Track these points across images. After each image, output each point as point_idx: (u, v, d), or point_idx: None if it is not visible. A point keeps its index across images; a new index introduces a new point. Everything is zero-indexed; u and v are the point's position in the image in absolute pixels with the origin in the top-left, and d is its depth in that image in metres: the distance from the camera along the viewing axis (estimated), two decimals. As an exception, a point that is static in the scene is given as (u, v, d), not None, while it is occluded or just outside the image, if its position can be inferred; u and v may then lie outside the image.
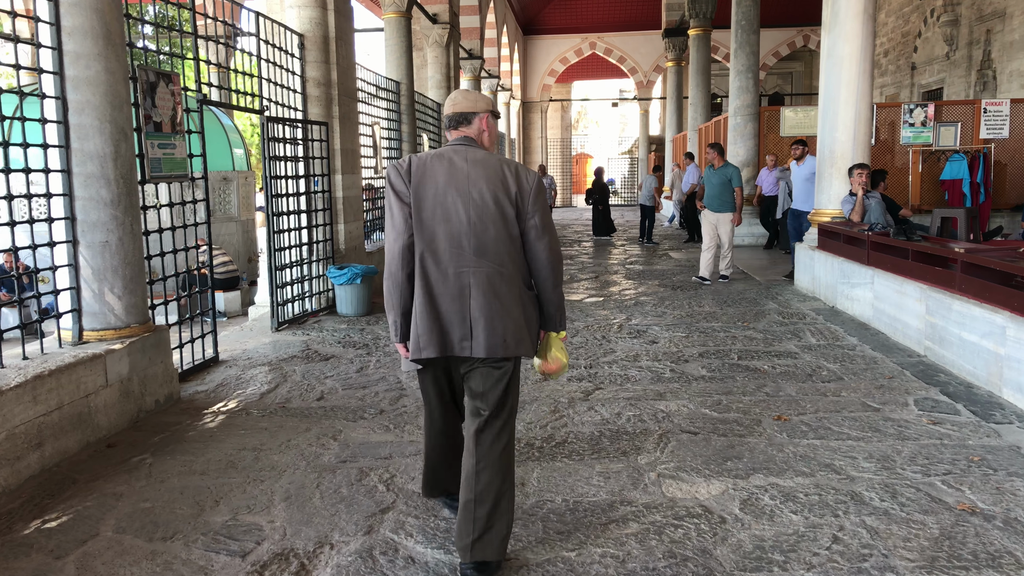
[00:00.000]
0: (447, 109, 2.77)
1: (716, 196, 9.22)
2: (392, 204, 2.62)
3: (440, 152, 2.67)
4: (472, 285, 2.58)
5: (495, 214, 2.60)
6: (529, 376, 5.18)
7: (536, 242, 2.66)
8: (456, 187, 2.60)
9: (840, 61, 7.99)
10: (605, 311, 7.64)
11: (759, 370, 5.27)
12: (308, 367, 5.56)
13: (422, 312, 2.58)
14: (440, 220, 2.58)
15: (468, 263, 2.58)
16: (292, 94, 7.46)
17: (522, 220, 2.65)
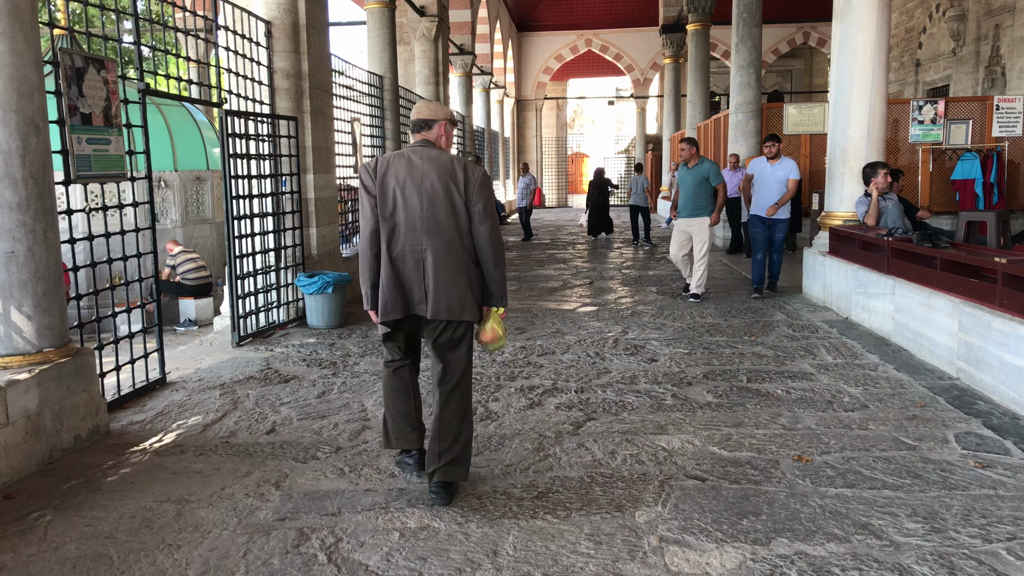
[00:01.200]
0: (413, 115, 3.34)
1: (691, 198, 7.87)
2: (363, 196, 3.24)
3: (402, 152, 3.27)
4: (427, 259, 3.16)
5: (445, 202, 3.16)
6: (512, 404, 4.56)
7: (479, 225, 3.20)
8: (413, 180, 3.18)
9: (853, 52, 7.38)
10: (599, 322, 7.03)
11: (772, 395, 4.66)
12: (264, 391, 4.94)
13: (387, 282, 3.18)
14: (400, 207, 3.18)
15: (423, 241, 3.16)
16: (258, 86, 6.84)
17: (468, 207, 3.19)
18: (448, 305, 3.14)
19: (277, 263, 6.95)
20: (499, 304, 3.32)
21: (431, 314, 3.15)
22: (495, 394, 4.77)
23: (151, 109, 10.54)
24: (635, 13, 27.23)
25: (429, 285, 3.14)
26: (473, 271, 3.22)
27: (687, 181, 7.90)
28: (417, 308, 3.19)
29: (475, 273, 3.23)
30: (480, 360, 5.64)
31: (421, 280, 3.16)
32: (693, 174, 7.89)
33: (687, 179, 7.91)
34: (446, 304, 3.14)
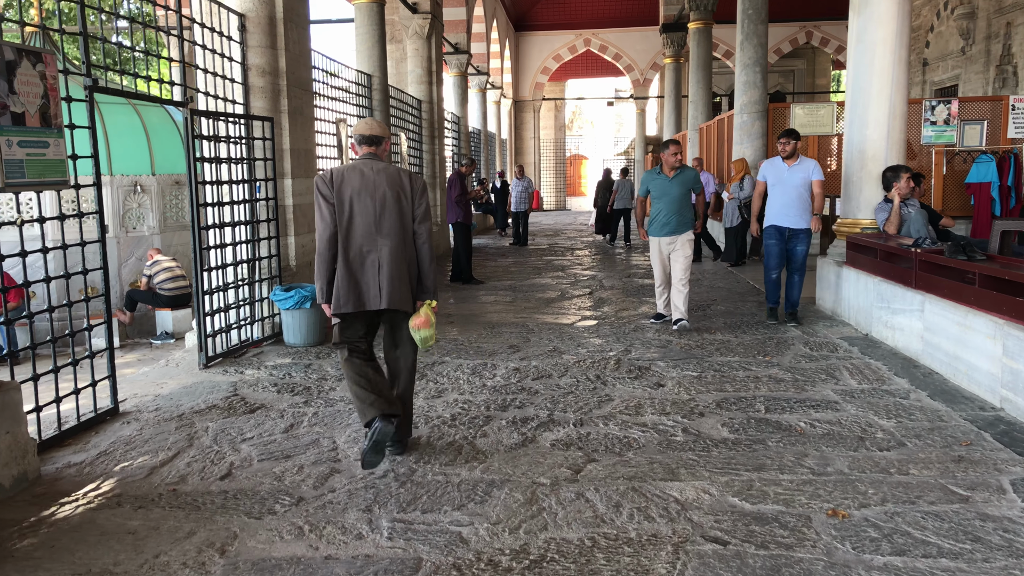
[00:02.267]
0: (364, 130, 3.81)
1: (677, 212, 6.66)
2: (321, 205, 3.65)
3: (353, 165, 3.71)
4: (381, 258, 3.64)
5: (394, 207, 3.66)
6: (503, 440, 4.04)
7: (419, 226, 3.75)
8: (366, 189, 3.66)
9: (872, 47, 6.88)
10: (599, 339, 6.51)
11: (795, 429, 4.14)
12: (226, 424, 4.41)
13: (342, 280, 3.63)
14: (357, 214, 3.63)
15: (376, 243, 3.64)
16: (231, 84, 6.32)
17: (413, 211, 3.73)
18: (401, 297, 3.68)
19: (251, 276, 6.43)
20: (433, 298, 3.81)
21: (386, 304, 3.66)
22: (483, 428, 4.25)
23: (127, 110, 10.03)
24: (634, 12, 26.75)
25: (383, 280, 3.65)
26: (413, 268, 3.77)
27: (671, 192, 6.67)
28: (370, 303, 3.67)
29: (414, 271, 3.77)
30: (470, 386, 5.12)
31: (376, 276, 3.65)
32: (679, 183, 6.71)
33: (671, 189, 6.67)
34: (399, 297, 3.67)
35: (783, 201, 6.80)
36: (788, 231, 6.81)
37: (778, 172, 6.92)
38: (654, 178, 6.86)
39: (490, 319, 7.52)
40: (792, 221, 6.77)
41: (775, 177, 6.93)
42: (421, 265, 3.78)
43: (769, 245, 6.95)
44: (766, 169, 7.06)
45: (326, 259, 3.64)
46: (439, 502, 3.30)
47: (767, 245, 6.96)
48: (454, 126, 16.89)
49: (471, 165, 10.39)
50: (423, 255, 3.77)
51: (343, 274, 3.62)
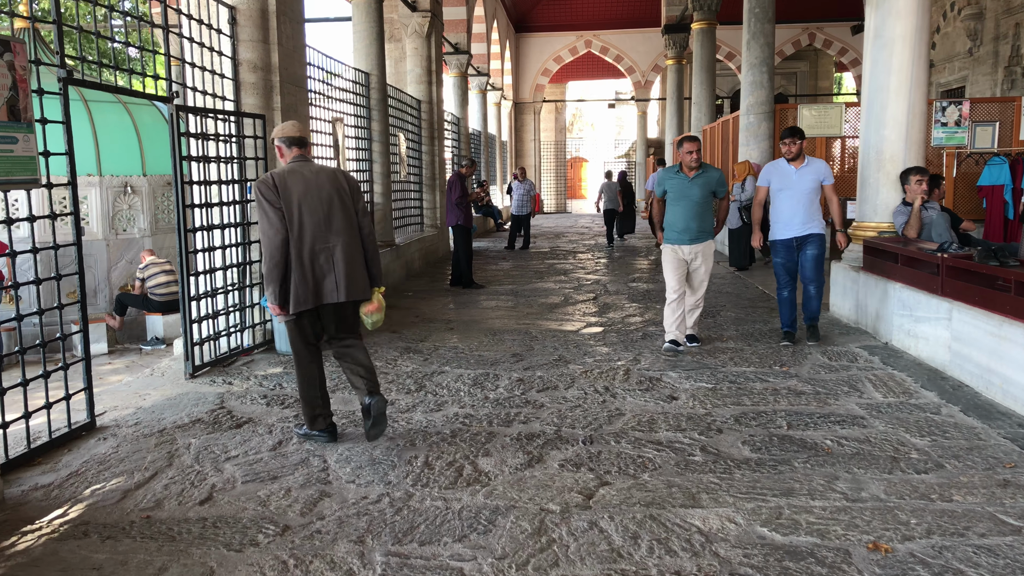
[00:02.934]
0: (291, 132, 3.93)
1: (697, 217, 5.87)
2: (268, 211, 3.73)
3: (290, 168, 3.85)
4: (335, 254, 3.83)
5: (339, 205, 3.88)
6: (508, 460, 3.74)
7: (363, 220, 3.99)
8: (311, 191, 3.82)
9: (890, 43, 6.59)
10: (606, 347, 6.21)
11: (821, 448, 3.85)
12: (210, 440, 4.11)
13: (300, 279, 3.77)
14: (307, 215, 3.78)
15: (328, 241, 3.83)
16: (220, 80, 6.03)
17: (355, 206, 3.96)
18: (360, 288, 3.92)
19: (242, 281, 6.14)
20: (380, 284, 4.09)
21: (344, 297, 3.86)
22: (486, 446, 3.95)
23: (118, 108, 9.74)
24: (636, 13, 26.49)
25: (340, 275, 3.83)
26: (362, 260, 3.96)
27: (691, 195, 5.87)
28: (328, 297, 3.85)
29: (362, 262, 3.97)
30: (471, 398, 4.82)
31: (332, 272, 3.83)
32: (700, 186, 5.88)
33: (691, 192, 5.87)
34: (357, 288, 3.89)
35: (791, 209, 6.01)
36: (797, 240, 6.06)
37: (784, 176, 6.09)
38: (671, 177, 5.99)
39: (492, 325, 7.23)
40: (800, 228, 6.02)
41: (780, 182, 6.09)
42: (369, 256, 4.01)
43: (777, 264, 6.18)
44: (769, 173, 6.22)
45: (279, 263, 3.75)
46: (438, 532, 3.01)
47: (775, 263, 6.20)
48: (454, 127, 16.59)
49: (471, 166, 10.10)
50: (369, 246, 4.01)
51: (300, 274, 3.77)
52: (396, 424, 4.33)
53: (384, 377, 5.34)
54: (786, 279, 6.18)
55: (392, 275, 10.04)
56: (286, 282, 3.77)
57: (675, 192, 5.96)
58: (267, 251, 3.74)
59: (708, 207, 5.96)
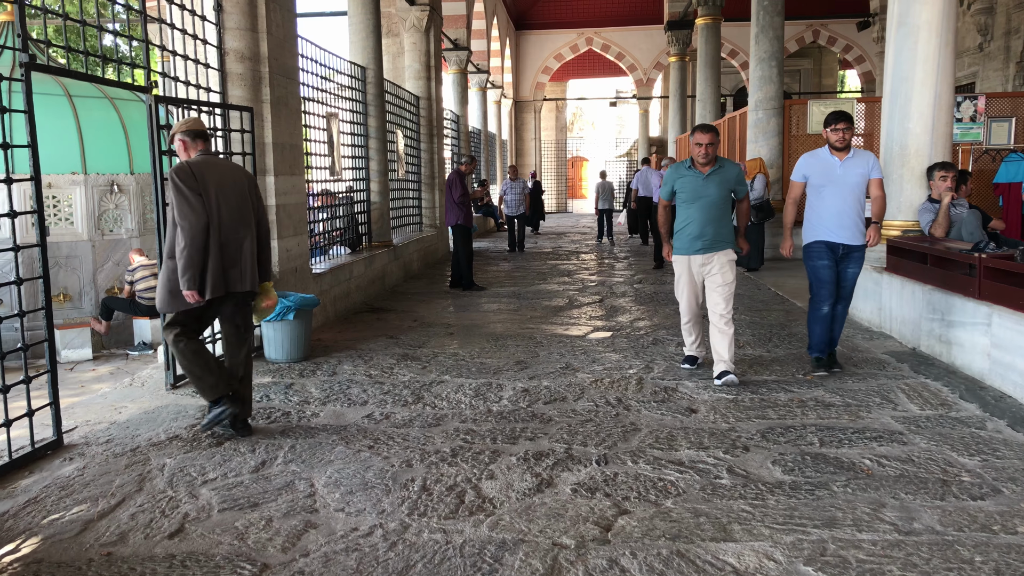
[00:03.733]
0: (195, 126, 4.06)
1: (713, 221, 4.98)
2: (189, 196, 3.82)
3: (203, 160, 3.98)
4: (244, 245, 4.00)
5: (248, 198, 4.07)
6: (514, 484, 3.37)
7: (263, 215, 4.19)
8: (225, 182, 3.98)
9: (915, 31, 6.23)
10: (616, 354, 5.85)
11: (859, 468, 3.48)
12: (186, 460, 3.74)
13: (214, 266, 3.88)
14: (223, 205, 3.93)
15: (240, 232, 3.99)
16: (205, 70, 5.67)
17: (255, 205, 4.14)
18: (256, 279, 4.05)
19: (229, 283, 5.76)
20: (270, 278, 4.25)
21: (249, 286, 4.01)
22: (490, 467, 3.58)
23: (104, 104, 9.37)
24: (638, 10, 26.13)
25: (246, 265, 3.98)
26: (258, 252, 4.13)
27: (706, 194, 4.96)
28: (234, 286, 3.97)
29: None
30: (473, 411, 4.46)
31: (239, 263, 3.96)
32: (717, 184, 4.98)
33: (706, 191, 4.97)
34: (253, 278, 4.03)
35: (837, 207, 5.00)
36: (842, 249, 5.03)
37: (827, 169, 5.07)
38: (682, 175, 5.07)
39: (493, 330, 6.86)
40: (848, 235, 5.00)
41: (823, 176, 5.07)
42: (265, 251, 4.17)
43: (819, 268, 5.08)
44: (808, 165, 5.16)
45: (200, 248, 3.80)
46: (437, 572, 2.64)
47: (816, 267, 5.09)
48: (453, 125, 16.23)
49: (471, 163, 9.74)
50: (265, 240, 4.18)
51: (215, 261, 3.85)
52: (392, 441, 3.96)
53: (380, 387, 4.98)
54: (827, 292, 5.08)
55: (390, 276, 9.67)
56: (205, 268, 3.83)
57: (687, 192, 5.03)
58: (189, 236, 3.77)
59: (726, 209, 5.07)
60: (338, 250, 8.77)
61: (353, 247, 8.99)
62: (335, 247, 8.75)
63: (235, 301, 4.06)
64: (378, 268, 9.15)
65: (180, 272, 3.79)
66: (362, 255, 8.76)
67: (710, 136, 4.93)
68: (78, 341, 8.35)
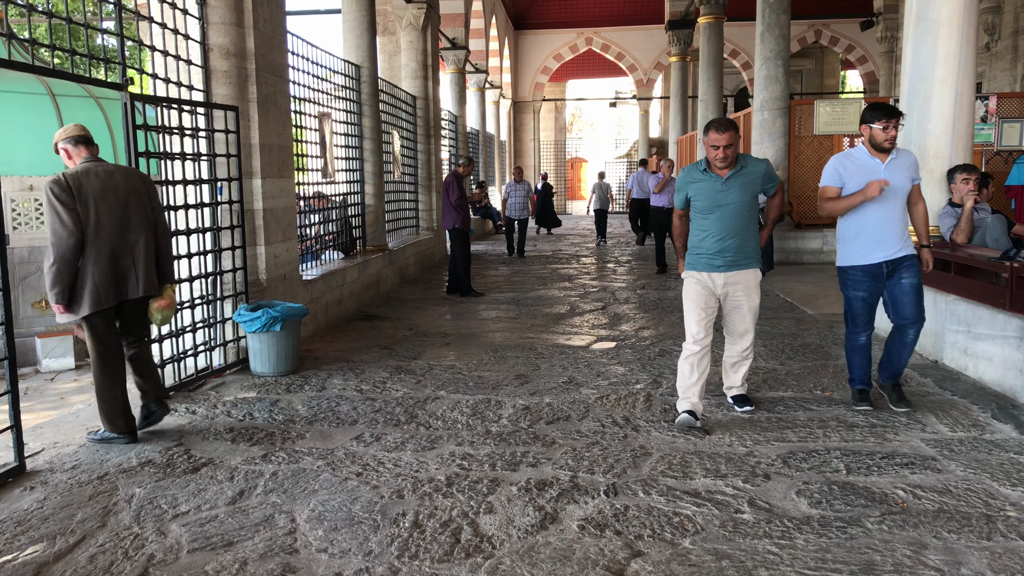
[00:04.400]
0: (76, 132, 3.98)
1: (738, 233, 4.15)
2: (61, 212, 3.70)
3: (85, 168, 3.86)
4: (134, 252, 3.96)
5: (138, 205, 3.99)
6: (515, 519, 3.07)
7: (159, 217, 4.17)
8: (107, 190, 3.87)
9: (935, 27, 5.93)
10: (621, 367, 5.54)
11: (893, 501, 3.18)
12: (158, 489, 3.43)
13: (101, 277, 3.82)
14: (104, 214, 3.82)
15: (127, 239, 3.93)
16: (188, 67, 5.36)
17: (152, 205, 4.11)
18: (152, 283, 4.02)
19: (213, 292, 5.46)
20: (172, 281, 4.25)
21: (143, 292, 3.98)
22: (488, 498, 3.27)
23: (89, 104, 9.05)
24: (638, 10, 25.84)
25: (139, 271, 3.95)
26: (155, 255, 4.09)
27: (727, 201, 4.10)
28: (130, 293, 3.95)
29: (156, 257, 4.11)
30: (470, 432, 4.15)
31: (132, 269, 3.93)
32: (739, 188, 4.10)
33: (726, 197, 4.10)
34: (151, 283, 4.02)
35: (880, 219, 4.20)
36: (888, 265, 4.24)
37: (868, 173, 4.18)
38: (697, 179, 4.18)
39: (492, 340, 6.55)
40: (893, 248, 4.21)
41: (862, 181, 4.19)
42: (164, 253, 4.16)
43: (855, 300, 4.37)
44: (842, 169, 4.27)
45: (71, 264, 3.74)
46: (429, 630, 2.33)
47: (851, 299, 4.39)
48: (451, 126, 15.92)
49: (469, 165, 9.43)
50: (164, 244, 4.17)
51: (100, 272, 3.81)
52: (382, 467, 3.65)
53: (371, 405, 4.67)
54: (865, 319, 4.43)
55: (385, 282, 9.36)
56: (75, 283, 3.78)
57: (704, 200, 4.15)
58: (57, 252, 3.70)
59: (752, 218, 4.19)
60: (331, 255, 8.47)
61: (347, 252, 8.69)
62: (328, 252, 8.44)
63: (134, 308, 4.06)
64: (372, 273, 8.85)
65: (48, 285, 3.75)
66: (356, 260, 8.45)
67: (728, 135, 3.95)
68: (60, 350, 8.03)
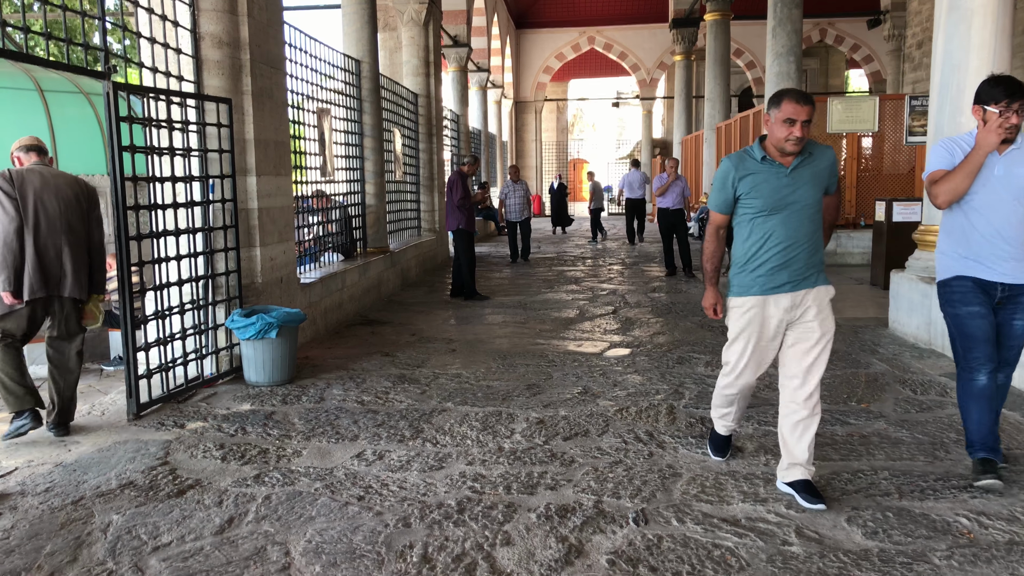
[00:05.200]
0: (28, 142, 4.19)
1: (806, 240, 3.16)
2: (3, 200, 3.94)
3: (29, 168, 4.09)
4: (64, 251, 4.06)
5: (75, 208, 4.12)
6: (536, 552, 2.74)
7: (95, 229, 4.24)
8: (48, 188, 4.05)
9: (969, 15, 5.62)
10: (638, 375, 5.21)
11: (956, 530, 2.86)
12: (137, 516, 3.10)
13: (33, 269, 3.96)
14: (42, 210, 4.00)
15: (60, 239, 4.04)
16: (177, 56, 5.04)
17: (89, 214, 4.20)
18: (81, 287, 4.12)
19: (205, 296, 5.13)
20: (102, 292, 4.31)
21: (69, 292, 4.08)
22: (504, 527, 2.94)
23: (79, 100, 8.73)
24: (641, 9, 25.56)
25: (69, 272, 4.07)
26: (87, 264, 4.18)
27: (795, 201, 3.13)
28: (55, 289, 4.06)
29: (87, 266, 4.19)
30: (481, 449, 3.82)
31: (60, 267, 4.05)
32: (809, 181, 3.15)
33: (793, 194, 3.12)
34: (79, 286, 4.11)
35: (995, 224, 3.25)
36: (1003, 290, 3.27)
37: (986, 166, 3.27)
38: (752, 169, 3.16)
39: (500, 346, 6.22)
40: (1014, 269, 3.25)
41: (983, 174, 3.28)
42: (95, 264, 4.22)
43: (968, 318, 3.29)
44: (953, 155, 3.33)
45: (14, 250, 3.92)
46: None
47: (962, 317, 3.31)
48: (453, 125, 15.60)
49: (474, 163, 9.10)
50: (96, 256, 4.22)
51: (32, 265, 3.94)
52: (386, 490, 3.32)
53: (373, 418, 4.34)
54: (983, 351, 3.28)
55: (386, 285, 9.03)
56: (19, 271, 3.92)
57: (764, 197, 3.13)
58: (2, 239, 3.89)
59: (819, 222, 3.22)
60: (330, 257, 8.13)
61: (347, 254, 8.36)
62: (327, 254, 8.11)
63: (60, 307, 4.12)
64: (373, 276, 8.52)
65: None
66: (356, 262, 8.12)
67: (809, 110, 3.02)
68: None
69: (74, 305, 4.16)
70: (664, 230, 10.82)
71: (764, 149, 3.18)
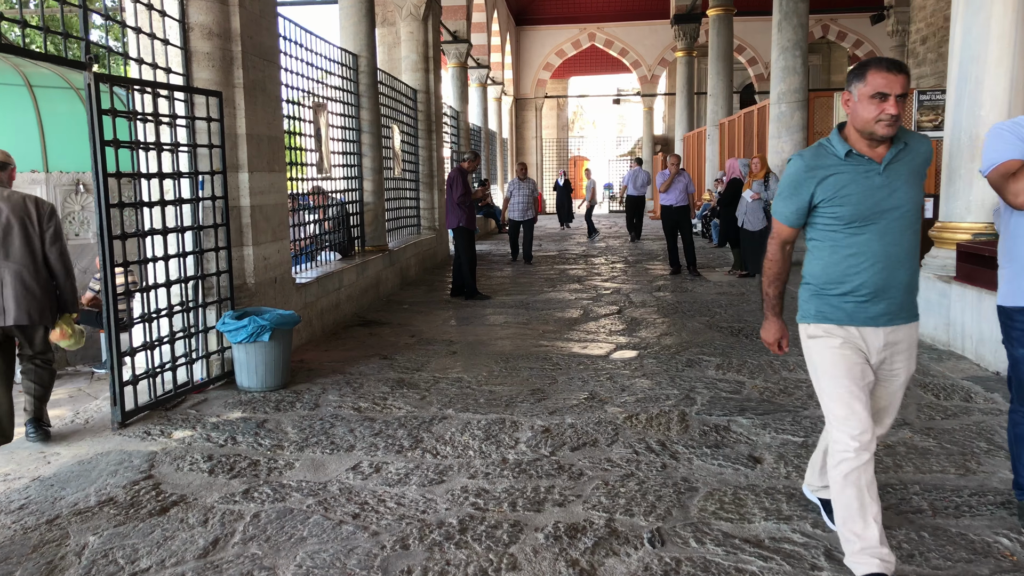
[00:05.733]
0: None
1: (907, 258, 2.48)
2: None
3: None
4: (4, 278, 3.84)
5: (19, 231, 3.88)
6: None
7: (50, 248, 3.99)
8: None
9: (988, 4, 5.42)
10: (647, 379, 5.00)
11: (997, 551, 2.65)
12: (115, 536, 2.89)
13: None
14: None
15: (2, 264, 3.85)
16: (164, 47, 4.82)
17: (42, 235, 3.95)
18: (28, 313, 3.90)
19: (195, 298, 4.92)
20: (72, 310, 4.12)
21: (12, 322, 3.87)
22: (510, 549, 2.73)
23: (69, 96, 8.51)
24: (642, 5, 25.34)
25: (8, 300, 3.87)
26: (50, 285, 4.00)
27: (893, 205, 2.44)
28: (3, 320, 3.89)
29: (52, 287, 4.02)
30: (484, 461, 3.61)
31: (1, 297, 3.86)
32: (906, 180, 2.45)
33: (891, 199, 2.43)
34: (27, 313, 3.89)
35: None
36: None
37: None
38: (835, 168, 2.45)
39: (502, 348, 6.01)
40: None
41: None
42: (59, 282, 4.03)
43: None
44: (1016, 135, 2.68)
45: None
46: None
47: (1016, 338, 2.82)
48: (453, 122, 15.38)
49: (475, 160, 8.88)
50: (58, 273, 4.01)
51: None
52: (383, 507, 3.11)
53: (370, 427, 4.13)
54: None
55: (385, 284, 8.82)
56: None
57: (854, 203, 2.44)
58: None
59: (919, 232, 2.55)
60: (327, 256, 7.92)
61: (344, 252, 8.14)
62: (324, 252, 7.90)
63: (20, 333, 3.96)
64: (372, 275, 8.30)
65: None
66: (354, 261, 7.90)
67: (904, 80, 2.32)
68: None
69: (30, 332, 3.97)
70: (668, 228, 10.59)
71: (846, 140, 2.45)
